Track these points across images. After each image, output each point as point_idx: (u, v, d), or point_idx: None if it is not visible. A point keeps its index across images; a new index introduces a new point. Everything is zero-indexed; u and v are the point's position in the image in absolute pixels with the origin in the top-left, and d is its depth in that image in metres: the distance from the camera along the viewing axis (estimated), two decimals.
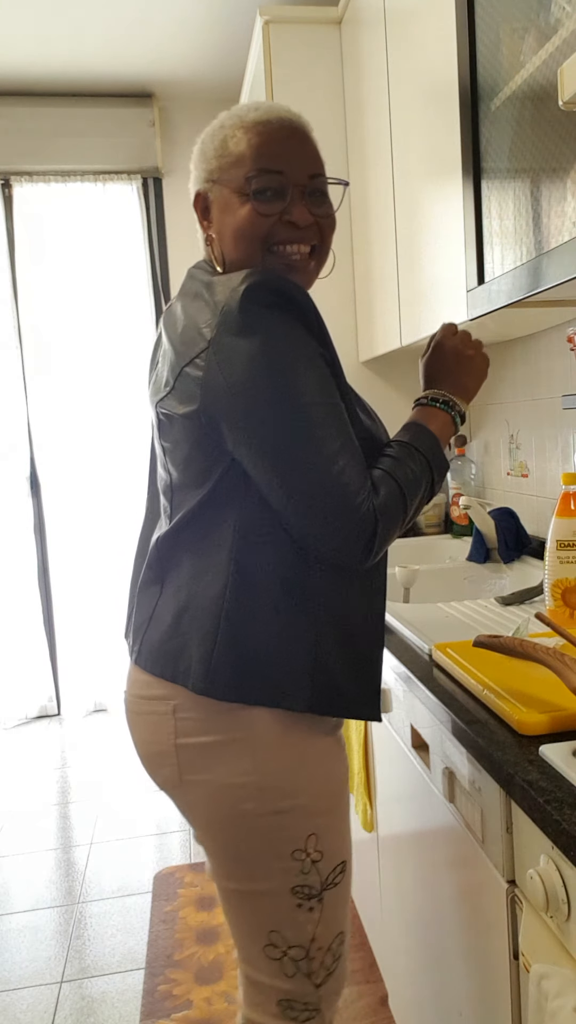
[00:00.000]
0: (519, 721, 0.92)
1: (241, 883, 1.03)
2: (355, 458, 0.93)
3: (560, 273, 1.08)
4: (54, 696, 3.78)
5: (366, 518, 0.91)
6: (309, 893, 1.02)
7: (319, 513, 0.91)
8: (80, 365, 3.61)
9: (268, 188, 0.98)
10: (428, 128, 1.71)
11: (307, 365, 0.92)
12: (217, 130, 1.01)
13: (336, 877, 1.04)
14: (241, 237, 0.99)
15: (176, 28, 2.94)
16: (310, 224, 1.01)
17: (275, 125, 0.99)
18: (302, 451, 0.90)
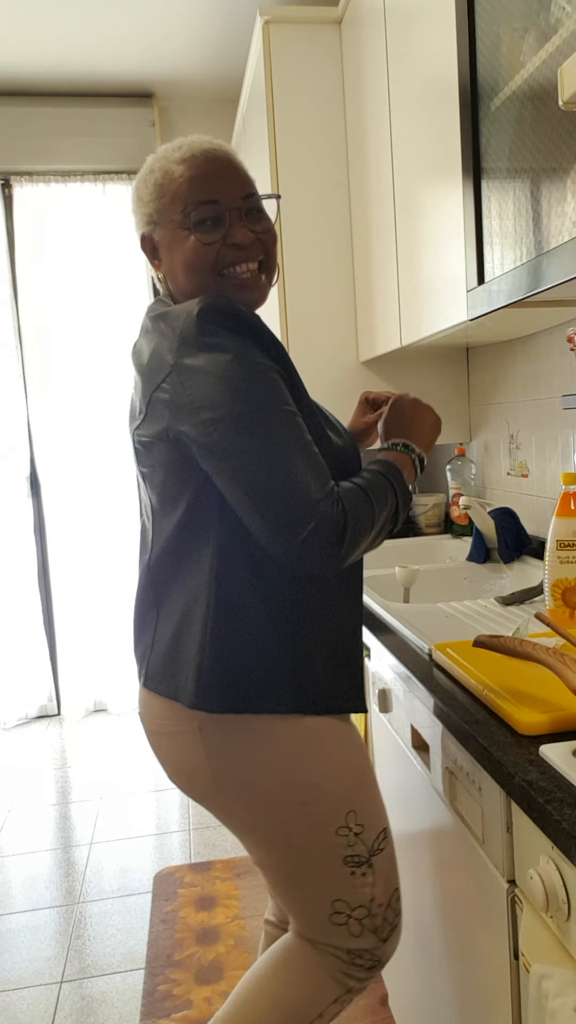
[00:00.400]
0: (519, 721, 0.92)
1: (295, 866, 1.12)
2: (315, 464, 0.96)
3: (560, 273, 1.08)
4: (54, 696, 3.78)
5: (329, 519, 0.93)
6: (359, 860, 1.13)
7: (282, 518, 0.93)
8: (80, 365, 3.61)
9: (207, 218, 1.03)
10: (428, 128, 1.71)
11: (261, 378, 0.96)
12: (148, 174, 1.07)
13: (380, 843, 1.15)
14: (191, 268, 1.05)
15: (176, 28, 2.94)
16: (252, 242, 1.06)
17: (200, 159, 1.04)
18: (261, 458, 0.93)
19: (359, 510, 0.97)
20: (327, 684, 1.10)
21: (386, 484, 1.03)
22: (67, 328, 3.58)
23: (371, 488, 1.01)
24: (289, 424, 0.95)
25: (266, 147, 2.40)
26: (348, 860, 1.13)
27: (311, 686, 1.08)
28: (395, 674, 1.37)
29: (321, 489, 0.94)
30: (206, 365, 0.96)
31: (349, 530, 0.94)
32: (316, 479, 0.94)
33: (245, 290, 1.07)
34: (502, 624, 1.40)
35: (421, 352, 2.40)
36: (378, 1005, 1.73)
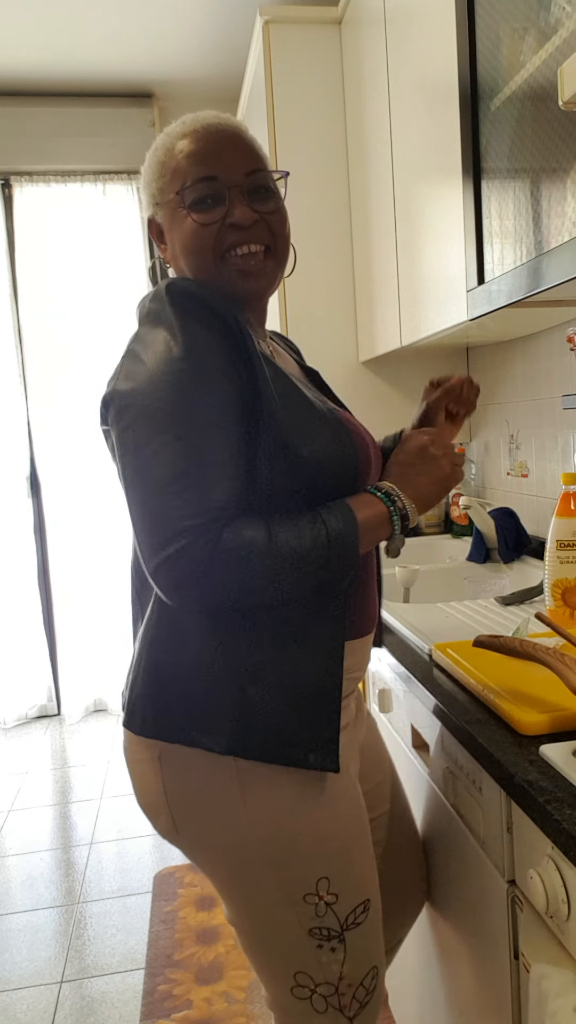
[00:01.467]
0: (519, 721, 0.92)
1: (258, 929, 1.00)
2: (210, 484, 0.83)
3: (560, 273, 1.08)
4: (54, 696, 3.78)
5: (193, 547, 0.80)
6: (328, 935, 0.98)
7: (145, 533, 0.84)
8: (80, 365, 3.61)
9: (205, 196, 0.94)
10: (428, 128, 1.71)
11: (202, 377, 0.85)
12: (152, 153, 1.00)
13: (358, 917, 0.99)
14: (190, 251, 0.97)
15: (176, 28, 2.94)
16: (255, 222, 0.95)
17: (201, 132, 0.96)
18: (151, 465, 0.83)
19: (241, 554, 0.81)
20: (284, 728, 0.91)
21: (316, 534, 0.86)
22: (67, 328, 3.58)
23: (284, 533, 0.84)
24: (203, 435, 0.84)
25: (266, 147, 2.40)
26: (315, 932, 0.97)
27: (260, 727, 0.91)
28: (395, 674, 1.37)
29: (201, 515, 0.81)
30: (146, 353, 0.88)
31: (215, 571, 0.81)
32: (201, 503, 0.82)
33: (248, 277, 0.96)
34: (502, 624, 1.40)
35: (421, 352, 2.40)
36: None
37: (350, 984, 1.00)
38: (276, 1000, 1.03)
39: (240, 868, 0.96)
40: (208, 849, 0.98)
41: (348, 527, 0.88)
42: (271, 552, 0.83)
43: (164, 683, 0.95)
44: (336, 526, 0.87)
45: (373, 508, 0.92)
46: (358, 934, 1.00)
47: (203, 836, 0.97)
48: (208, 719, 0.92)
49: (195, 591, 0.82)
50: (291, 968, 0.99)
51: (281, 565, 0.84)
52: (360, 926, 0.99)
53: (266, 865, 0.95)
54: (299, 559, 0.84)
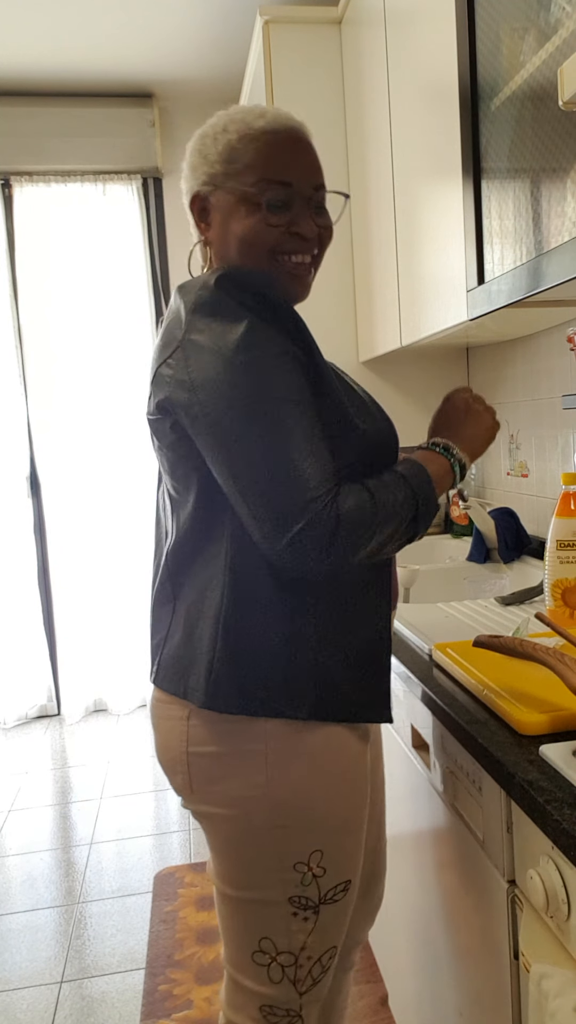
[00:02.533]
0: (519, 721, 0.92)
1: (240, 890, 1.03)
2: (315, 458, 0.89)
3: (560, 273, 1.08)
4: (54, 696, 3.78)
5: (319, 521, 0.87)
6: (306, 904, 1.02)
7: (270, 514, 0.88)
8: (80, 365, 3.61)
9: (279, 199, 0.98)
10: (428, 128, 1.71)
11: (270, 362, 0.90)
12: (220, 134, 0.99)
13: (337, 895, 1.04)
14: (248, 245, 0.99)
15: (176, 28, 2.94)
16: (315, 235, 1.01)
17: (283, 135, 0.98)
18: (255, 449, 0.88)
19: (358, 516, 0.89)
20: (349, 689, 1.00)
21: (404, 489, 0.95)
22: (67, 328, 3.58)
23: (382, 492, 0.92)
24: (292, 415, 0.89)
25: None
26: (295, 900, 1.02)
27: (331, 690, 0.99)
28: (395, 674, 1.37)
29: (318, 488, 0.87)
30: (212, 342, 0.90)
31: (341, 537, 0.88)
32: (314, 476, 0.88)
33: (296, 281, 1.02)
34: (502, 624, 1.40)
35: (421, 352, 2.40)
36: (378, 1005, 1.73)
37: (309, 957, 1.04)
38: (233, 961, 1.07)
39: (245, 829, 1.00)
40: (218, 808, 1.01)
41: (425, 482, 0.98)
42: (377, 511, 0.91)
43: (243, 664, 0.98)
44: (416, 481, 0.97)
45: (437, 462, 1.02)
46: (332, 911, 1.04)
47: (216, 797, 1.01)
48: (289, 689, 0.97)
49: (326, 558, 0.89)
50: (259, 932, 1.03)
51: (386, 520, 0.92)
52: (337, 903, 1.04)
53: (270, 829, 0.99)
54: (397, 513, 0.93)
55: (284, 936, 1.03)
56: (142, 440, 3.65)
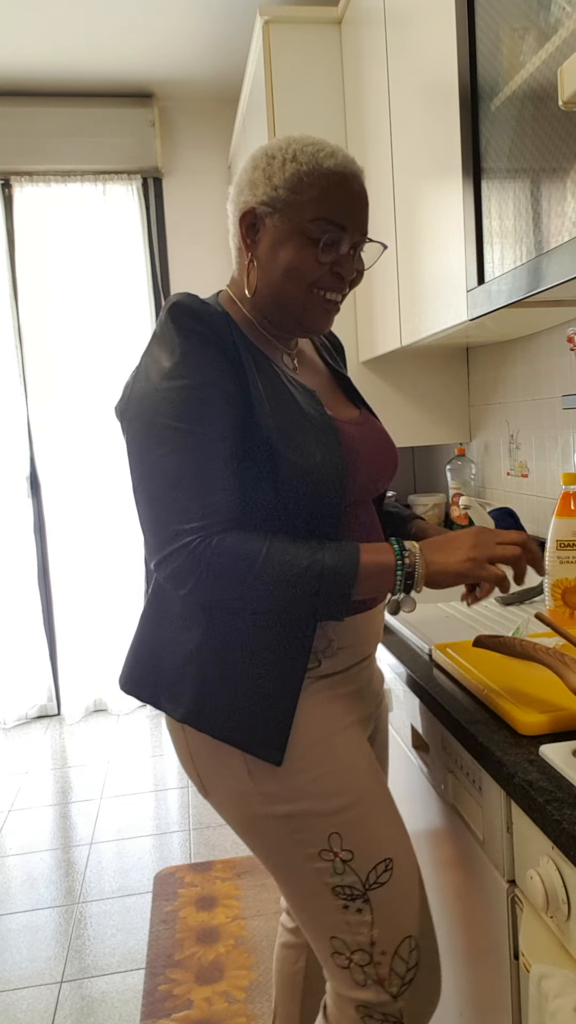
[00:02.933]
0: (519, 721, 0.92)
1: (287, 887, 1.04)
2: (205, 492, 0.92)
3: (560, 273, 1.08)
4: (54, 696, 3.78)
5: (185, 551, 0.90)
6: (352, 894, 1.00)
7: (150, 533, 0.94)
8: (80, 365, 3.61)
9: (333, 240, 1.01)
10: (428, 128, 1.71)
11: (193, 392, 0.93)
12: (289, 161, 1.00)
13: (380, 876, 1.01)
14: (293, 275, 1.02)
15: (176, 28, 2.94)
16: (353, 279, 1.06)
17: (349, 181, 1.01)
18: (156, 471, 0.93)
19: (228, 563, 0.90)
20: (224, 710, 1.01)
21: (308, 560, 0.91)
22: (67, 328, 3.58)
23: (277, 552, 0.91)
24: (196, 446, 0.92)
25: None
26: (338, 891, 1.00)
27: (215, 705, 1.01)
28: (395, 674, 1.37)
29: (193, 520, 0.91)
30: (151, 365, 0.96)
31: (194, 574, 0.90)
32: (194, 509, 0.91)
33: (327, 315, 1.06)
34: (502, 624, 1.40)
35: (421, 352, 2.40)
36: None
37: (383, 952, 1.01)
38: (327, 969, 1.06)
39: (256, 824, 1.02)
40: (227, 807, 1.05)
41: (346, 565, 0.92)
42: (264, 566, 0.90)
43: (146, 652, 1.08)
44: (333, 561, 0.92)
45: (381, 556, 0.94)
46: (384, 895, 1.01)
47: (221, 794, 1.04)
48: (174, 688, 1.04)
49: (189, 585, 0.92)
50: (326, 931, 1.02)
51: (270, 581, 0.90)
52: (385, 886, 1.01)
53: (277, 821, 1.00)
54: (288, 581, 0.90)
55: (348, 933, 1.01)
56: None
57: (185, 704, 1.02)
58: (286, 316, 1.05)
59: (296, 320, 1.05)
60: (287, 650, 1.00)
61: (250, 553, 0.90)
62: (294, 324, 1.06)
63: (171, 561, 0.91)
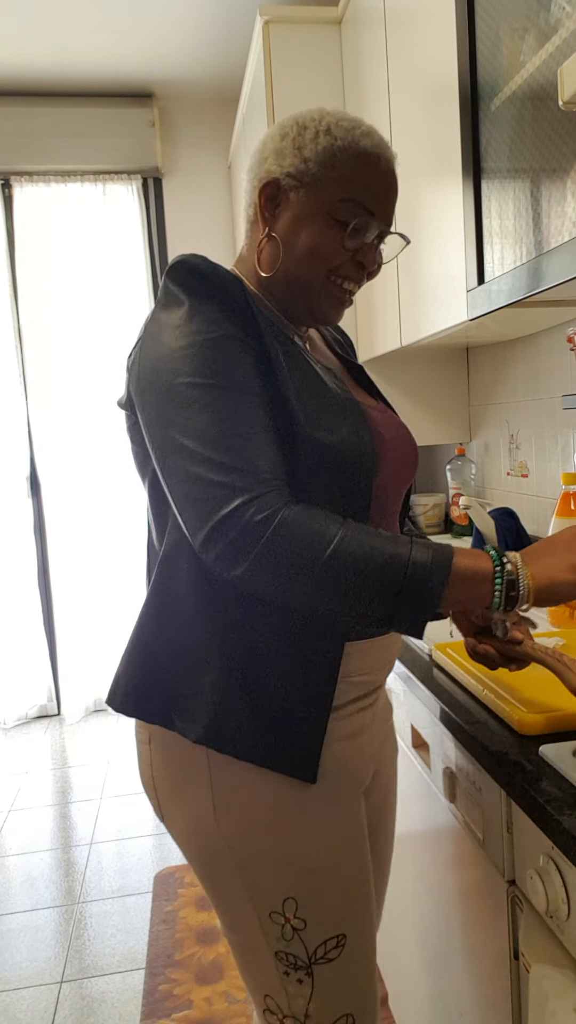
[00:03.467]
0: (519, 721, 0.92)
1: (230, 932, 0.94)
2: (242, 451, 0.79)
3: (560, 273, 1.08)
4: (54, 696, 3.78)
5: (233, 516, 0.75)
6: (295, 963, 0.90)
7: (186, 506, 0.79)
8: (80, 365, 3.61)
9: (360, 226, 0.92)
10: (428, 128, 1.71)
11: (211, 345, 0.83)
12: (323, 134, 0.91)
13: (329, 952, 0.90)
14: (313, 257, 0.93)
15: (176, 28, 2.94)
16: (372, 271, 0.98)
17: (383, 165, 0.93)
18: (176, 438, 0.80)
19: (292, 542, 0.75)
20: (261, 727, 0.87)
21: (394, 563, 0.76)
22: (67, 328, 3.58)
23: (356, 536, 0.77)
24: (230, 401, 0.81)
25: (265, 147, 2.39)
26: (282, 956, 0.90)
27: (237, 721, 0.86)
28: (395, 674, 1.37)
29: (243, 484, 0.77)
30: (159, 329, 0.86)
31: (251, 560, 0.75)
32: (246, 471, 0.78)
33: (340, 306, 0.98)
34: None
35: (421, 352, 2.40)
36: (378, 1005, 1.73)
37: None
38: (258, 1015, 0.97)
39: (211, 867, 0.91)
40: (184, 840, 0.94)
41: (437, 565, 0.77)
42: (337, 551, 0.75)
43: (146, 665, 0.93)
44: (422, 557, 0.77)
45: (477, 561, 0.79)
46: (329, 972, 0.91)
47: (180, 826, 0.93)
48: (187, 704, 0.89)
49: (243, 566, 0.76)
50: (261, 988, 0.93)
51: (343, 570, 0.75)
52: (332, 963, 0.91)
53: (234, 869, 0.90)
54: (366, 574, 0.76)
55: (283, 998, 0.92)
56: None
57: (203, 722, 0.87)
58: (297, 300, 0.96)
59: (307, 306, 0.96)
60: (320, 653, 0.88)
61: (323, 533, 0.76)
62: (304, 311, 0.97)
63: (221, 535, 0.76)
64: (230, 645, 0.88)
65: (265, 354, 0.86)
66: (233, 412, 0.80)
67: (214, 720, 0.87)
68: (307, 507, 0.78)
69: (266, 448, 0.81)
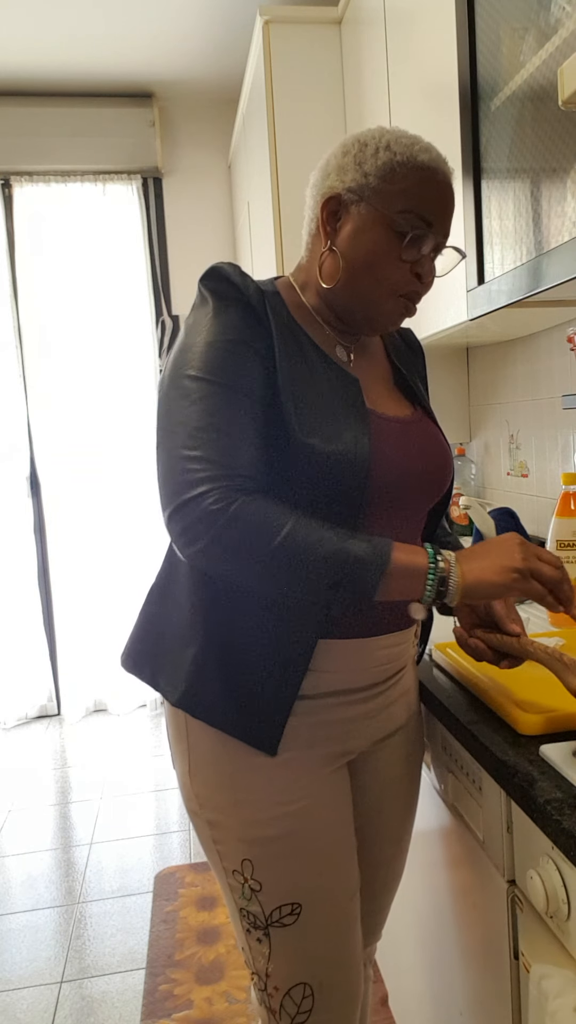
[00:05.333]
0: (519, 721, 0.92)
1: (217, 877, 1.03)
2: (230, 445, 0.86)
3: (560, 273, 1.08)
4: (54, 696, 3.78)
5: (197, 500, 0.83)
6: (255, 922, 0.97)
7: (164, 484, 0.88)
8: (80, 365, 3.61)
9: (418, 237, 0.94)
10: (428, 128, 1.71)
11: (218, 346, 0.90)
12: (383, 150, 0.95)
13: (284, 917, 0.96)
14: (373, 266, 0.96)
15: (176, 28, 2.94)
16: (429, 284, 1.00)
17: (440, 179, 0.95)
18: (179, 422, 0.88)
19: (246, 531, 0.82)
20: (220, 698, 0.95)
21: (336, 556, 0.82)
22: (67, 328, 3.58)
23: (302, 530, 0.83)
24: (222, 397, 0.87)
25: (266, 147, 2.40)
26: (244, 914, 0.98)
27: (211, 691, 0.96)
28: None
29: (214, 470, 0.84)
30: (188, 326, 0.94)
31: (209, 531, 0.83)
32: (218, 461, 0.85)
33: (400, 317, 1.00)
34: None
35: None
36: (378, 1005, 1.73)
37: (276, 987, 0.98)
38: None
39: (192, 816, 1.01)
40: (179, 788, 1.04)
41: (375, 560, 0.83)
42: (284, 542, 0.82)
43: (148, 628, 1.04)
44: (361, 551, 0.83)
45: (413, 557, 0.85)
46: (285, 936, 0.96)
47: (176, 776, 1.04)
48: (171, 670, 0.99)
49: (198, 546, 0.84)
50: (239, 941, 1.02)
51: (287, 560, 0.82)
52: (287, 928, 0.96)
53: (205, 824, 0.99)
54: (307, 564, 0.82)
55: (250, 952, 1.00)
56: (142, 440, 3.66)
57: (181, 688, 0.97)
58: (356, 312, 0.99)
59: (365, 317, 0.99)
60: (293, 636, 0.94)
61: (272, 524, 0.82)
62: (363, 322, 1.00)
63: (183, 515, 0.84)
64: (213, 626, 0.96)
65: (272, 364, 0.92)
66: (222, 408, 0.87)
67: (191, 687, 0.97)
68: (264, 500, 0.85)
69: (243, 445, 0.87)
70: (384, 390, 1.06)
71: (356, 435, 0.93)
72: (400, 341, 1.18)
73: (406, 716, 1.11)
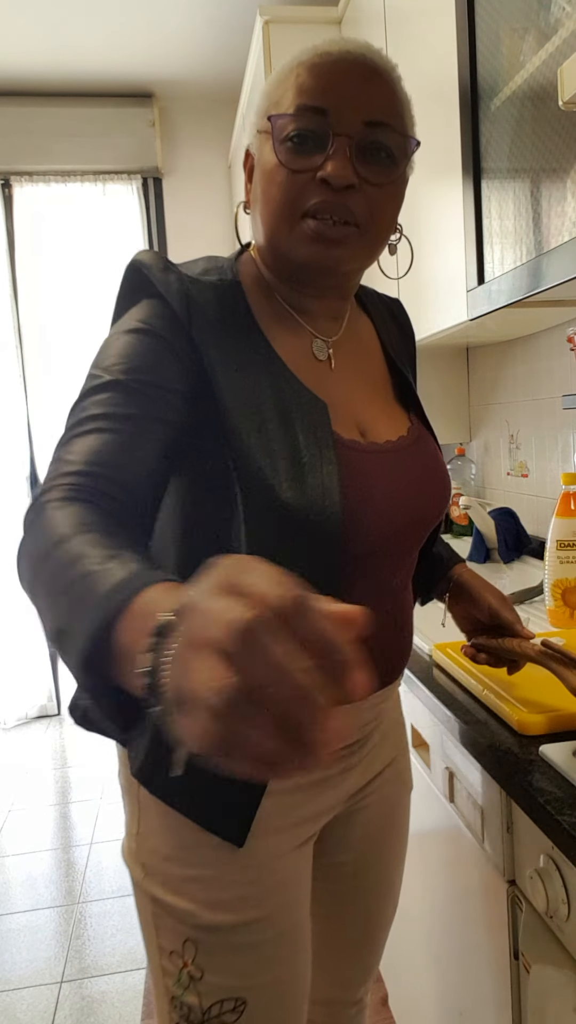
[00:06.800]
0: (519, 721, 0.92)
1: (147, 955, 0.86)
2: (75, 443, 0.68)
3: (560, 273, 1.08)
4: (54, 696, 3.78)
5: (35, 503, 0.65)
6: (188, 1016, 0.80)
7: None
8: (80, 365, 3.61)
9: (304, 132, 0.71)
10: (428, 128, 1.71)
11: (120, 336, 0.74)
12: (275, 74, 0.77)
13: (224, 1014, 0.79)
14: (269, 200, 0.74)
15: (176, 28, 2.94)
16: (348, 185, 0.71)
17: (334, 57, 0.72)
18: (69, 413, 0.74)
19: (27, 547, 0.61)
20: (181, 779, 0.79)
21: (72, 590, 0.51)
22: (67, 328, 3.58)
23: (63, 554, 0.55)
24: (104, 393, 0.71)
25: None
26: (175, 1004, 0.80)
27: (166, 762, 0.80)
28: None
29: (67, 467, 0.66)
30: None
31: (17, 556, 0.63)
32: (76, 459, 0.67)
33: (307, 249, 0.75)
34: None
35: (421, 352, 2.40)
36: (379, 1005, 1.73)
37: None
38: None
39: (131, 876, 0.86)
40: (122, 849, 0.90)
41: (94, 616, 0.48)
42: (49, 560, 0.56)
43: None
44: (97, 607, 0.48)
45: (142, 622, 0.44)
46: None
47: (124, 833, 0.90)
48: (134, 742, 0.85)
49: (24, 540, 0.63)
50: (161, 1007, 0.84)
51: (43, 587, 0.56)
52: None
53: (145, 895, 0.84)
54: (53, 596, 0.54)
55: None
56: None
57: (138, 761, 0.83)
58: (276, 259, 0.79)
59: (284, 262, 0.78)
60: None
61: (52, 534, 0.58)
62: (286, 270, 0.79)
63: (28, 512, 0.65)
64: None
65: (202, 370, 0.74)
66: (101, 403, 0.70)
67: (149, 759, 0.82)
68: (71, 507, 0.62)
69: (101, 445, 0.67)
70: (375, 405, 0.86)
71: (322, 482, 0.73)
72: (389, 320, 0.99)
73: (392, 753, 1.01)
